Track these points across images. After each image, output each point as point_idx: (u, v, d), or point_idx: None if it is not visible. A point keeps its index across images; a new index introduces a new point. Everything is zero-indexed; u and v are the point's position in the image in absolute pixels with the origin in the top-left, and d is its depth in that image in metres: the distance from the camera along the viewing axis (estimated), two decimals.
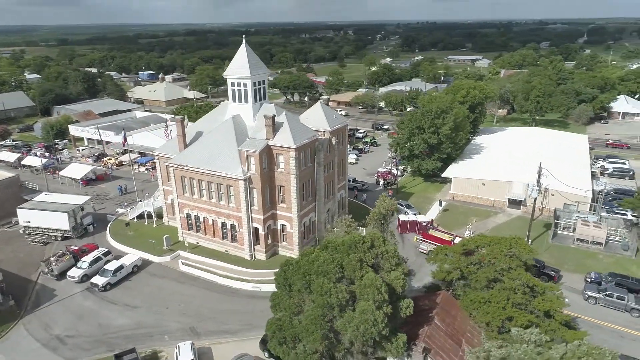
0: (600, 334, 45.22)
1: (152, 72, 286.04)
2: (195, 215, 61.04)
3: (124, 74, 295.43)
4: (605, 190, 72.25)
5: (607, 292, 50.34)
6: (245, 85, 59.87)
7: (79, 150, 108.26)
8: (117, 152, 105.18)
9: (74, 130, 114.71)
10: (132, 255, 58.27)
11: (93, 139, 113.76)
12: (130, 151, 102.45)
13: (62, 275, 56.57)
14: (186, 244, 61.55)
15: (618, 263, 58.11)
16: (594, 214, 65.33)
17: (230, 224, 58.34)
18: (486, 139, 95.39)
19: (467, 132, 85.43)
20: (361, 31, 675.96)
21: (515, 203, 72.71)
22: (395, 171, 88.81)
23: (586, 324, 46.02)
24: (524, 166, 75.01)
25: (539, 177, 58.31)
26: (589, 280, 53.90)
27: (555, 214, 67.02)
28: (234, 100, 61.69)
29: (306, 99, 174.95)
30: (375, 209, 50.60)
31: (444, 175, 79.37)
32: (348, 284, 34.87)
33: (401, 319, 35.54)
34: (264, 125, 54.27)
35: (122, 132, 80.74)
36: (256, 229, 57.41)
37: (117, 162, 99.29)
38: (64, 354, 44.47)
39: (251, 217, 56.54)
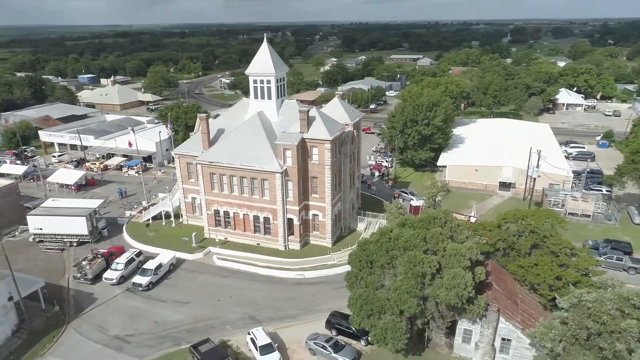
0: None
1: (92, 75, 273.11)
2: (224, 211, 62.03)
3: (60, 78, 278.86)
4: (588, 170, 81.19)
5: (607, 255, 58.12)
6: (268, 82, 61.91)
7: (54, 156, 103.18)
8: (98, 156, 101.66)
9: (44, 135, 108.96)
10: (167, 254, 58.26)
11: (65, 144, 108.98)
12: (114, 155, 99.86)
13: (95, 278, 55.59)
14: (217, 240, 62.32)
15: (605, 231, 66.64)
16: (577, 191, 73.96)
17: (264, 217, 60.07)
18: (463, 130, 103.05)
19: (453, 123, 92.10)
20: (298, 32, 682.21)
21: (505, 186, 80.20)
22: (385, 163, 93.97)
23: None
24: (509, 152, 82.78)
25: (538, 160, 65.43)
26: (588, 246, 61.58)
27: (544, 193, 75.02)
28: (255, 97, 63.43)
29: None
30: (428, 190, 54.82)
31: (439, 163, 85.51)
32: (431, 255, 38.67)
33: (475, 283, 39.89)
34: (299, 119, 56.62)
35: (132, 133, 79.00)
36: (290, 220, 59.62)
37: (102, 166, 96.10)
38: (132, 352, 44.53)
39: (286, 208, 58.69)
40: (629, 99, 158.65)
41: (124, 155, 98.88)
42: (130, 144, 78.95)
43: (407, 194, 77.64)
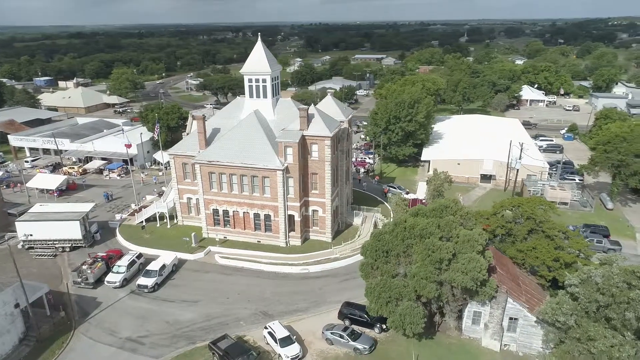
0: None
1: (49, 77, 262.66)
2: (223, 210, 62.21)
3: (14, 81, 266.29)
4: (563, 161, 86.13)
5: (588, 239, 62.24)
6: (264, 80, 62.65)
7: (27, 161, 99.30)
8: (75, 160, 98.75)
9: (14, 140, 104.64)
10: (168, 255, 57.89)
11: (37, 149, 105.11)
12: (92, 158, 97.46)
13: (96, 282, 54.64)
14: (217, 239, 62.40)
15: (583, 217, 71.31)
16: (554, 181, 78.61)
17: (265, 214, 60.73)
18: (440, 126, 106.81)
19: (434, 120, 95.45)
20: (260, 33, 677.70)
21: (486, 178, 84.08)
22: (368, 160, 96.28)
23: None
24: (488, 146, 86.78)
25: (521, 152, 69.23)
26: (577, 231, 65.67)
27: (523, 183, 79.25)
28: (251, 96, 64.00)
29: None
30: (431, 183, 57.06)
31: (423, 158, 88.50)
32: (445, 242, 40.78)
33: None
34: (298, 117, 57.67)
35: (124, 135, 77.56)
36: (291, 217, 60.56)
37: (80, 170, 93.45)
38: (147, 353, 44.33)
39: (287, 205, 59.59)
40: (585, 94, 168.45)
41: (102, 158, 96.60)
42: (128, 146, 77.55)
43: (395, 188, 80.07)
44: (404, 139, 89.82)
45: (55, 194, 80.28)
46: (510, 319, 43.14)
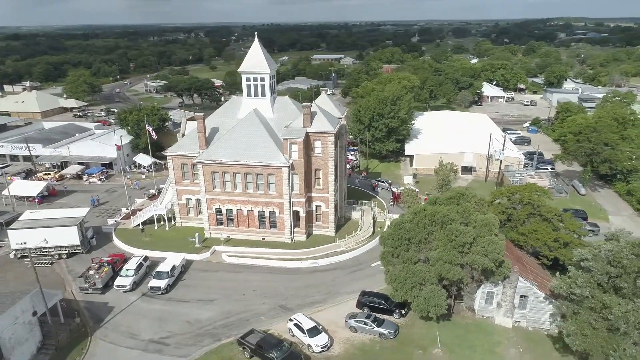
0: None
1: None
2: (227, 209, 62.30)
3: None
4: (538, 152, 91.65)
5: None
6: (262, 79, 63.31)
7: None
8: (48, 165, 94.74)
9: None
10: (176, 256, 57.35)
11: (4, 155, 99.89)
12: (68, 163, 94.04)
13: (104, 287, 53.46)
14: (222, 239, 62.39)
15: (560, 203, 76.25)
16: (531, 170, 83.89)
17: (270, 212, 61.40)
18: (416, 122, 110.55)
19: (413, 116, 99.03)
20: (212, 33, 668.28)
21: (467, 170, 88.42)
22: (351, 156, 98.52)
23: None
24: (466, 139, 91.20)
25: (504, 144, 73.60)
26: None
27: (502, 174, 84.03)
28: (249, 95, 64.44)
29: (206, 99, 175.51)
30: (438, 176, 59.60)
31: (407, 153, 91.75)
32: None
33: None
34: (302, 114, 58.85)
35: (117, 137, 75.44)
36: (296, 213, 61.56)
37: (57, 176, 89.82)
38: (174, 353, 44.18)
39: (292, 201, 60.56)
40: (539, 90, 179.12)
41: (79, 163, 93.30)
42: (118, 147, 75.54)
43: (384, 182, 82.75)
44: (387, 135, 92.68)
45: (37, 201, 76.92)
46: (521, 296, 46.39)
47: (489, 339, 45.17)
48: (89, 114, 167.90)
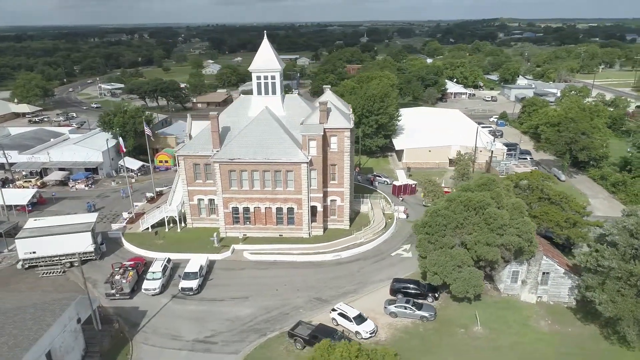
0: None
1: None
2: (244, 207, 62.29)
3: None
4: (519, 143, 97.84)
5: None
6: (273, 77, 63.92)
7: None
8: (25, 173, 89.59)
9: None
10: (200, 257, 56.68)
11: None
12: (48, 170, 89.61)
13: (131, 292, 52.19)
14: (240, 237, 62.29)
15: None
16: (514, 160, 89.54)
17: (288, 208, 62.05)
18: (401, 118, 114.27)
19: (398, 112, 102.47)
20: (157, 34, 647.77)
21: (454, 162, 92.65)
22: None
23: None
24: (449, 133, 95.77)
25: (494, 136, 78.26)
26: None
27: (489, 164, 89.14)
28: (259, 93, 64.82)
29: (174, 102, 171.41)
30: (457, 168, 62.39)
31: (396, 148, 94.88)
32: None
33: None
34: (318, 110, 60.06)
35: (119, 140, 72.69)
36: (314, 208, 62.61)
37: (39, 183, 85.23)
38: (224, 350, 44.19)
39: (310, 197, 61.56)
40: (496, 87, 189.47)
41: (60, 169, 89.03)
42: (122, 150, 72.91)
43: (380, 176, 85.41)
44: (376, 131, 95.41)
45: (27, 210, 72.88)
46: (543, 273, 50.22)
47: (519, 314, 48.57)
48: (46, 119, 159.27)
